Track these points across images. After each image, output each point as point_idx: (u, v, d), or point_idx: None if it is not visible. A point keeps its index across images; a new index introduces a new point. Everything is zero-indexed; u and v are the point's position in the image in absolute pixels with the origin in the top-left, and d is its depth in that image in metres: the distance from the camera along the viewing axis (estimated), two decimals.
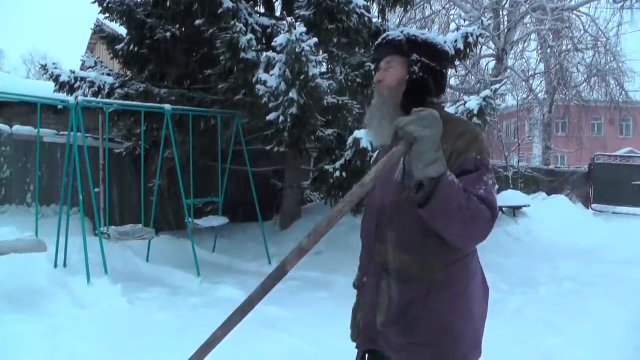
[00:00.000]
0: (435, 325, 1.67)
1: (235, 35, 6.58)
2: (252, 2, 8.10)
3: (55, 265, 5.90)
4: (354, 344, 1.95)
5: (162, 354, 3.68)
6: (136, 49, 8.19)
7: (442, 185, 1.47)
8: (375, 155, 2.01)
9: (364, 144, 6.37)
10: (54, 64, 8.26)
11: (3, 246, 5.03)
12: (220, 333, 1.54)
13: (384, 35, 1.86)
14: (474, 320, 1.74)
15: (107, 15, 8.33)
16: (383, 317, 1.74)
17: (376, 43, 1.89)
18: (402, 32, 1.83)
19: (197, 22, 7.36)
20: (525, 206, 10.48)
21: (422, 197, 1.51)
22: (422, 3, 17.59)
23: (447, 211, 1.48)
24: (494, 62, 18.34)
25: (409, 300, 1.68)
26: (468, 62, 15.10)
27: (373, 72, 1.87)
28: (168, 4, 7.59)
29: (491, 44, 17.93)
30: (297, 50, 6.10)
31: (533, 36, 19.29)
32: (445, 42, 7.32)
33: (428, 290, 1.67)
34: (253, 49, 6.77)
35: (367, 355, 1.91)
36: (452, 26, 17.22)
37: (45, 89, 8.30)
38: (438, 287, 1.67)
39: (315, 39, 6.37)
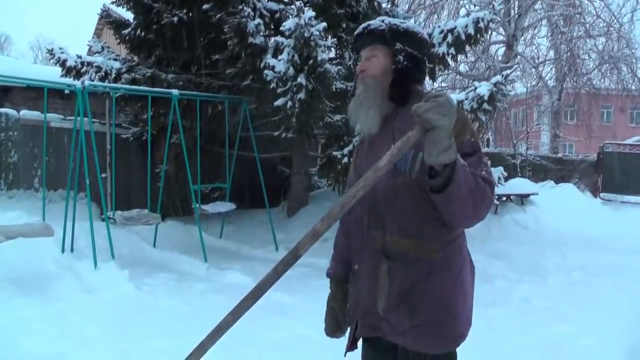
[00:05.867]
0: (437, 305, 1.71)
1: (243, 19, 6.52)
2: None
3: (63, 250, 5.92)
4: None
5: (169, 339, 3.68)
6: (143, 33, 8.15)
7: (457, 170, 1.49)
8: (357, 143, 2.00)
9: None
10: (60, 48, 8.21)
11: (11, 230, 5.04)
12: (231, 318, 1.57)
13: (364, 25, 1.87)
14: (468, 297, 1.81)
15: (114, 0, 8.28)
16: (384, 302, 1.75)
17: (356, 33, 1.89)
18: (382, 21, 1.84)
19: (205, 6, 7.32)
20: (533, 194, 10.42)
21: (440, 183, 1.52)
22: None
23: (461, 195, 1.52)
24: (504, 48, 18.14)
25: (411, 282, 1.72)
26: (478, 48, 14.97)
27: None
28: None
29: (501, 30, 17.72)
30: (305, 34, 6.03)
31: (544, 22, 19.01)
32: (454, 26, 7.23)
33: (428, 272, 1.71)
34: (261, 33, 6.72)
35: (364, 344, 1.93)
36: (462, 11, 17.02)
37: (52, 74, 8.28)
38: (437, 268, 1.71)
39: (324, 24, 6.30)
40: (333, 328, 2.00)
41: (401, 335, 1.74)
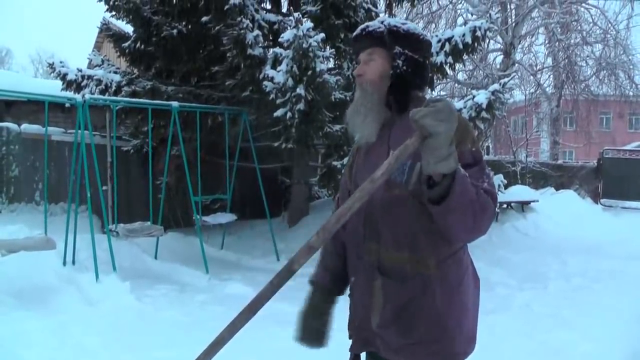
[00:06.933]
0: (433, 322, 1.63)
1: (242, 31, 6.57)
2: None
3: (64, 263, 5.93)
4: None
5: (171, 349, 3.69)
6: (143, 46, 8.20)
7: (458, 181, 1.41)
8: (351, 152, 1.95)
9: None
10: (61, 62, 8.29)
11: (13, 244, 5.06)
12: (227, 334, 1.52)
13: (362, 26, 1.77)
14: (469, 313, 1.71)
15: (114, 13, 8.36)
16: (378, 317, 1.68)
17: (354, 34, 1.78)
18: (382, 22, 1.74)
19: (204, 18, 7.38)
20: (533, 201, 10.42)
21: (438, 194, 1.43)
22: None
23: (461, 207, 1.44)
24: (502, 56, 18.22)
25: (406, 299, 1.64)
26: (476, 57, 15.04)
27: None
28: (174, 0, 7.60)
29: (499, 38, 17.82)
30: (304, 45, 6.08)
31: (541, 30, 19.13)
32: (451, 35, 7.29)
33: (424, 288, 1.63)
34: (260, 45, 6.76)
35: (365, 356, 1.85)
36: (460, 20, 17.13)
37: (52, 88, 8.33)
38: (434, 284, 1.63)
39: (322, 35, 6.35)
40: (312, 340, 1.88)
41: (395, 353, 1.67)
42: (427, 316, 1.63)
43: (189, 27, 7.99)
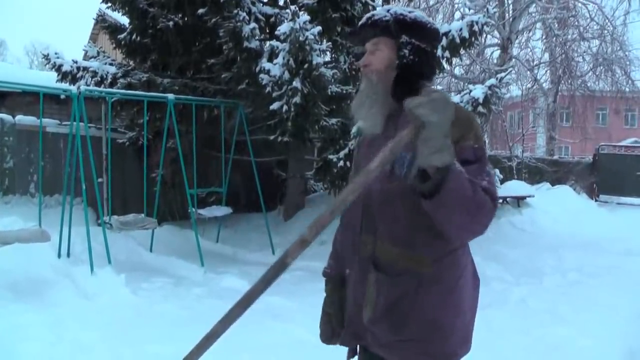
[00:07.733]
0: (424, 321, 1.61)
1: (238, 24, 6.54)
2: None
3: (59, 255, 5.90)
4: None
5: (166, 343, 3.67)
6: (138, 38, 8.16)
7: (452, 175, 1.36)
8: (355, 143, 1.90)
9: None
10: (56, 53, 8.22)
11: (7, 236, 5.03)
12: (220, 327, 1.50)
13: (368, 15, 1.73)
14: (464, 314, 1.68)
15: (109, 4, 8.30)
16: (370, 312, 1.66)
17: (360, 23, 1.74)
18: (388, 10, 1.70)
19: (200, 10, 7.33)
20: (529, 196, 10.44)
21: (430, 188, 1.39)
22: None
23: (454, 203, 1.39)
24: (499, 51, 18.21)
25: (398, 295, 1.61)
26: (473, 51, 15.02)
27: None
28: None
29: (496, 33, 17.80)
30: (300, 38, 6.06)
31: (538, 25, 19.12)
32: (448, 30, 7.27)
33: (417, 285, 1.60)
34: (256, 37, 6.73)
35: (360, 349, 1.83)
36: (457, 15, 17.10)
37: (47, 79, 8.27)
38: (428, 282, 1.60)
39: (319, 28, 6.33)
40: (327, 335, 1.90)
41: (385, 348, 1.66)
42: (419, 314, 1.61)
43: (185, 19, 7.94)
